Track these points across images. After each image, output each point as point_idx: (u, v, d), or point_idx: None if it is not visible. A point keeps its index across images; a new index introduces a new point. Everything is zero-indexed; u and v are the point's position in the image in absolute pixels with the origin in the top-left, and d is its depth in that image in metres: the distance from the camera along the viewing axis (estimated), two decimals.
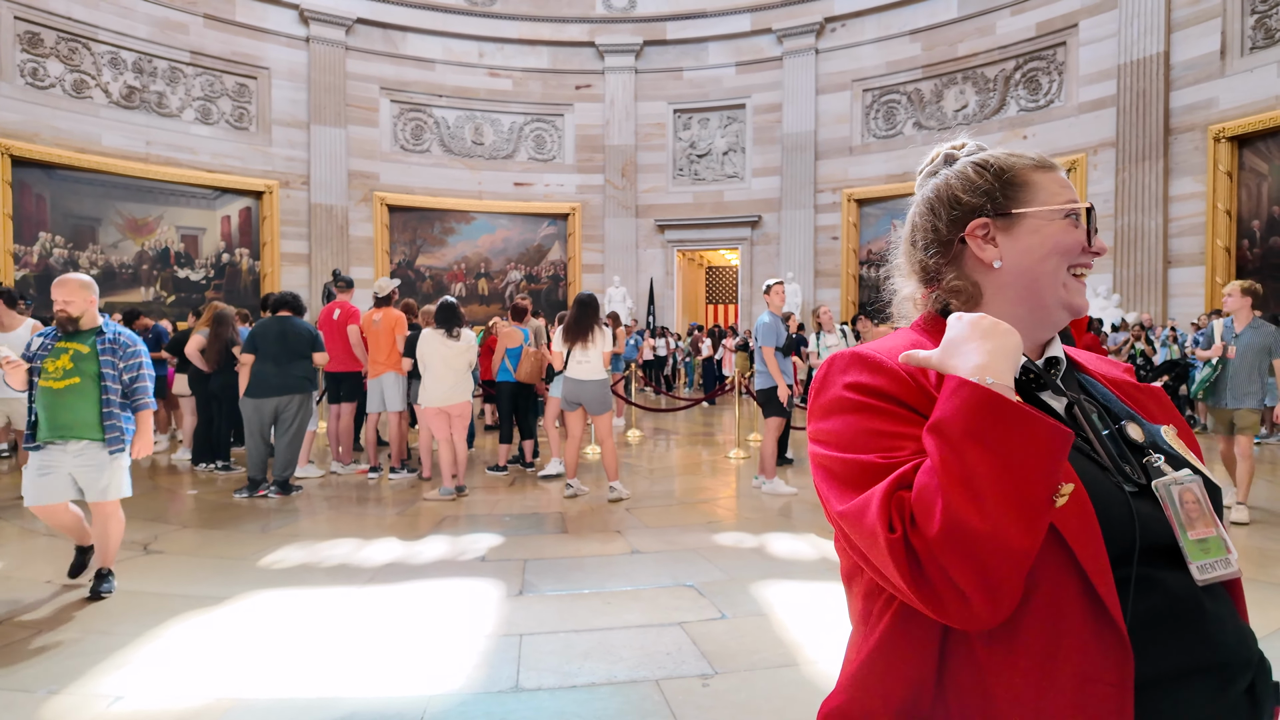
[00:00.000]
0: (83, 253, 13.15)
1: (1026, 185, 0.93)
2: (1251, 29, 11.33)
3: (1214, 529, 0.81)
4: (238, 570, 4.27)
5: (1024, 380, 0.87)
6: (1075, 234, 0.91)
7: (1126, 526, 0.77)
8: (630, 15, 17.13)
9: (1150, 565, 0.78)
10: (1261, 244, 11.35)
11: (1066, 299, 0.91)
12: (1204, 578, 0.79)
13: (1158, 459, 0.84)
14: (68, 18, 12.79)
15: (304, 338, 6.37)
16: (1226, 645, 0.80)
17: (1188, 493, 0.81)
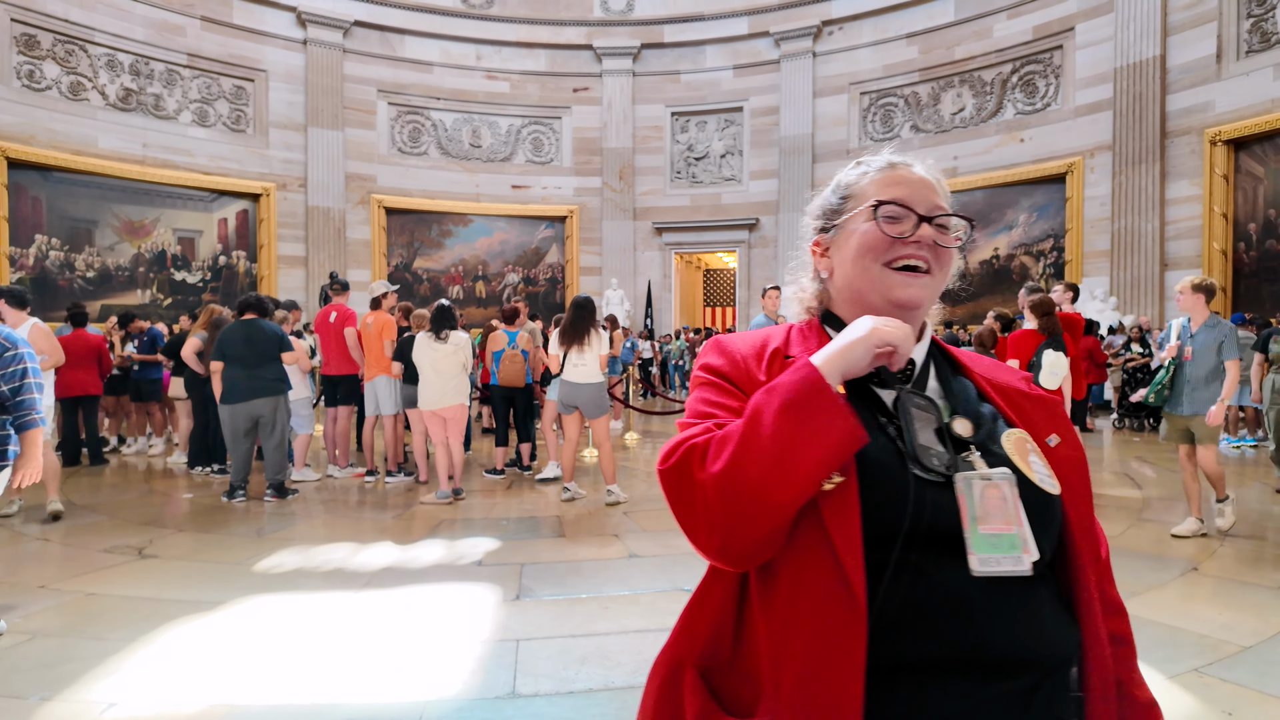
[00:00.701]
0: (79, 255, 13.11)
1: (854, 196, 1.00)
2: (1247, 32, 11.36)
3: (1013, 528, 0.83)
4: (233, 575, 4.25)
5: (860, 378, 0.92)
6: (881, 230, 0.94)
7: (900, 509, 0.81)
8: (628, 18, 17.15)
9: (929, 554, 0.82)
10: (1258, 247, 11.38)
11: (887, 294, 0.94)
12: (983, 570, 0.81)
13: (972, 455, 0.87)
14: (64, 20, 12.76)
15: (271, 339, 6.26)
16: (995, 644, 0.81)
17: (992, 489, 0.84)
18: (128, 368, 8.78)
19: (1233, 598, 3.81)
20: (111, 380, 8.93)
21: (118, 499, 6.34)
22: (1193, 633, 3.37)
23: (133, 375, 8.75)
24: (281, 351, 6.32)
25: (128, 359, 8.75)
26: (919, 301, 0.94)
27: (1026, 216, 14.27)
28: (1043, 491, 0.88)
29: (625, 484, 6.65)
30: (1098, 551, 0.95)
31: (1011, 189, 14.34)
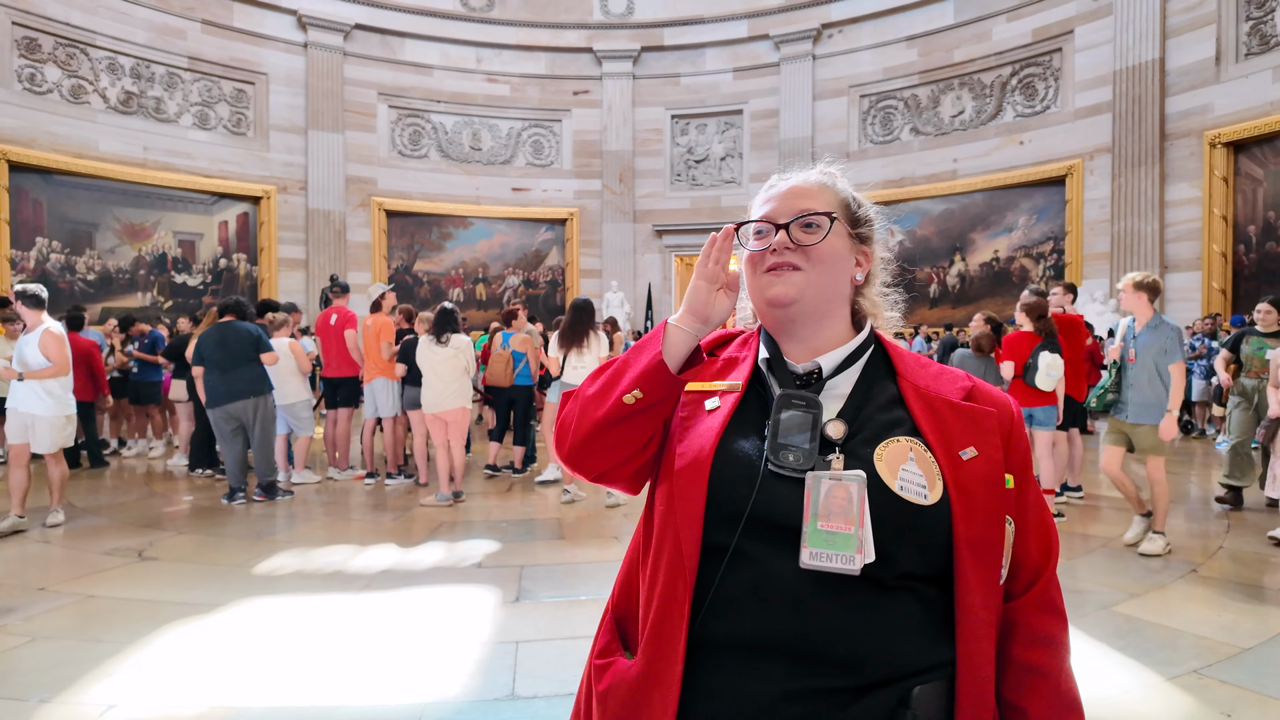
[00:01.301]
0: (79, 258, 13.12)
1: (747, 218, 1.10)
2: (1246, 35, 11.38)
3: (852, 528, 0.86)
4: (232, 577, 4.25)
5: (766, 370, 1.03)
6: (744, 241, 1.04)
7: (744, 497, 0.90)
8: (628, 21, 17.17)
9: (769, 544, 0.89)
10: (1258, 249, 11.38)
11: (762, 297, 1.03)
12: (811, 563, 0.86)
13: (836, 456, 0.92)
14: (65, 23, 12.78)
15: (245, 341, 6.21)
16: (816, 640, 0.85)
17: (840, 489, 0.88)
18: (127, 370, 8.79)
19: (1233, 599, 3.81)
20: (112, 383, 8.95)
21: (118, 501, 6.35)
22: (1192, 634, 3.37)
23: (131, 378, 8.76)
24: (259, 352, 6.26)
25: (128, 361, 8.75)
26: (786, 298, 1.00)
27: (1026, 219, 14.28)
28: (905, 501, 0.88)
29: None
30: (994, 571, 0.92)
31: (1011, 191, 14.34)
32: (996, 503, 0.92)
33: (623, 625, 1.05)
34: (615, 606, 1.08)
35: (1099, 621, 3.55)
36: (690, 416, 1.00)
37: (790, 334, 1.03)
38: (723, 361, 1.07)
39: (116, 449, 9.12)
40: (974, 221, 14.72)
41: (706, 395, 1.01)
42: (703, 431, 0.97)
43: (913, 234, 15.22)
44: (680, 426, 0.99)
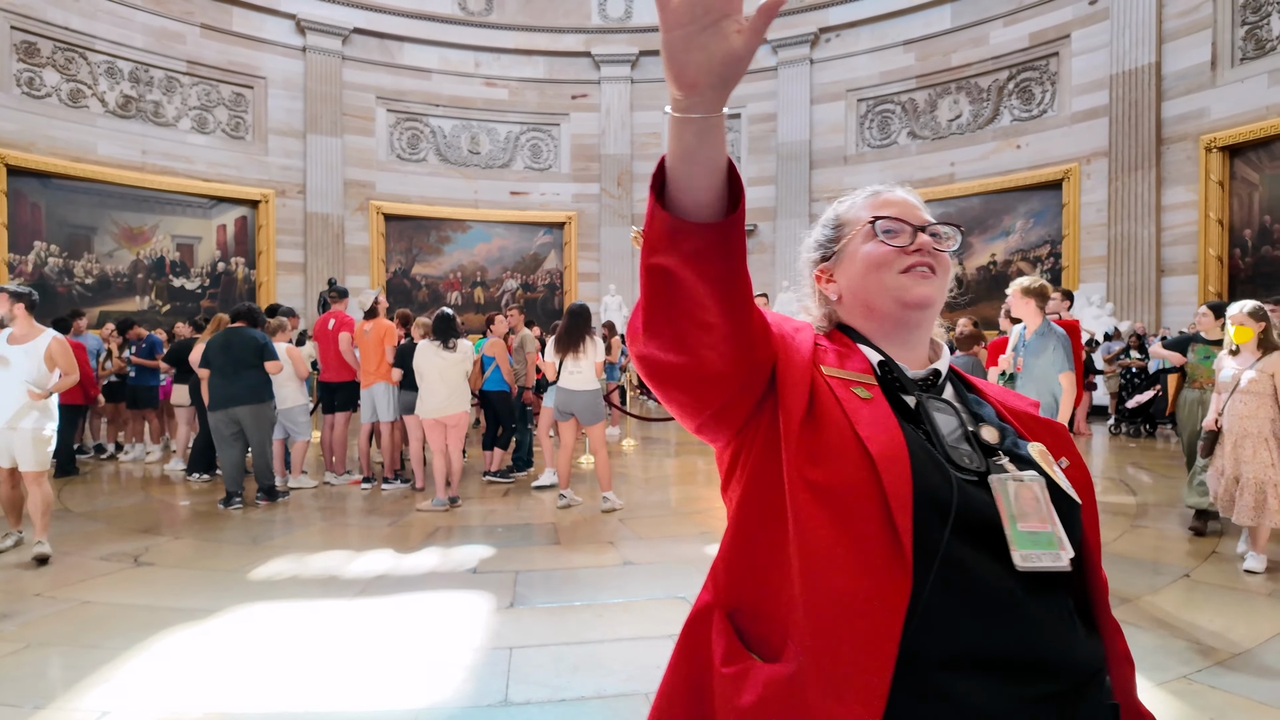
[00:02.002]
0: (78, 262, 13.14)
1: (847, 223, 1.06)
2: (1242, 39, 11.42)
3: (1049, 527, 0.85)
4: (228, 583, 4.26)
5: (885, 379, 0.97)
6: (883, 248, 1.00)
7: (945, 492, 0.83)
8: (626, 25, 17.21)
9: (970, 549, 0.83)
10: (1253, 253, 11.41)
11: (900, 298, 0.99)
12: (1026, 565, 0.83)
13: (1003, 459, 0.91)
14: (65, 27, 12.81)
15: (250, 348, 6.28)
16: (1036, 645, 0.83)
17: (1025, 490, 0.87)
18: (124, 375, 8.79)
19: (1225, 604, 3.83)
20: (109, 387, 8.95)
21: (114, 506, 6.35)
22: (1184, 639, 3.38)
23: (129, 382, 8.76)
24: (263, 360, 6.32)
25: (124, 366, 8.76)
26: (930, 299, 0.99)
27: (1023, 223, 14.31)
28: (1069, 497, 0.91)
29: (621, 491, 6.66)
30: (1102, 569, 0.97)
31: (1008, 195, 14.38)
32: (1095, 506, 0.98)
33: (741, 622, 0.92)
34: (727, 601, 0.94)
35: None
36: (848, 398, 0.90)
37: (903, 340, 1.01)
38: (827, 349, 0.98)
39: (113, 453, 9.12)
40: (971, 225, 14.75)
41: (851, 383, 0.92)
42: (879, 418, 0.88)
43: None
44: (839, 403, 0.89)
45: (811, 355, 0.93)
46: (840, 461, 0.85)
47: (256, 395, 6.32)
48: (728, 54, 0.71)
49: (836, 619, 0.80)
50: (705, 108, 0.74)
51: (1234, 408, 4.46)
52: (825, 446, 0.86)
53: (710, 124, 0.75)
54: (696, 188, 0.78)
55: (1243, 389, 4.44)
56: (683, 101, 0.74)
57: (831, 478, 0.84)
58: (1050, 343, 4.41)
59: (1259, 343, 4.47)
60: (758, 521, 0.91)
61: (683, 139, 0.76)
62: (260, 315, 6.66)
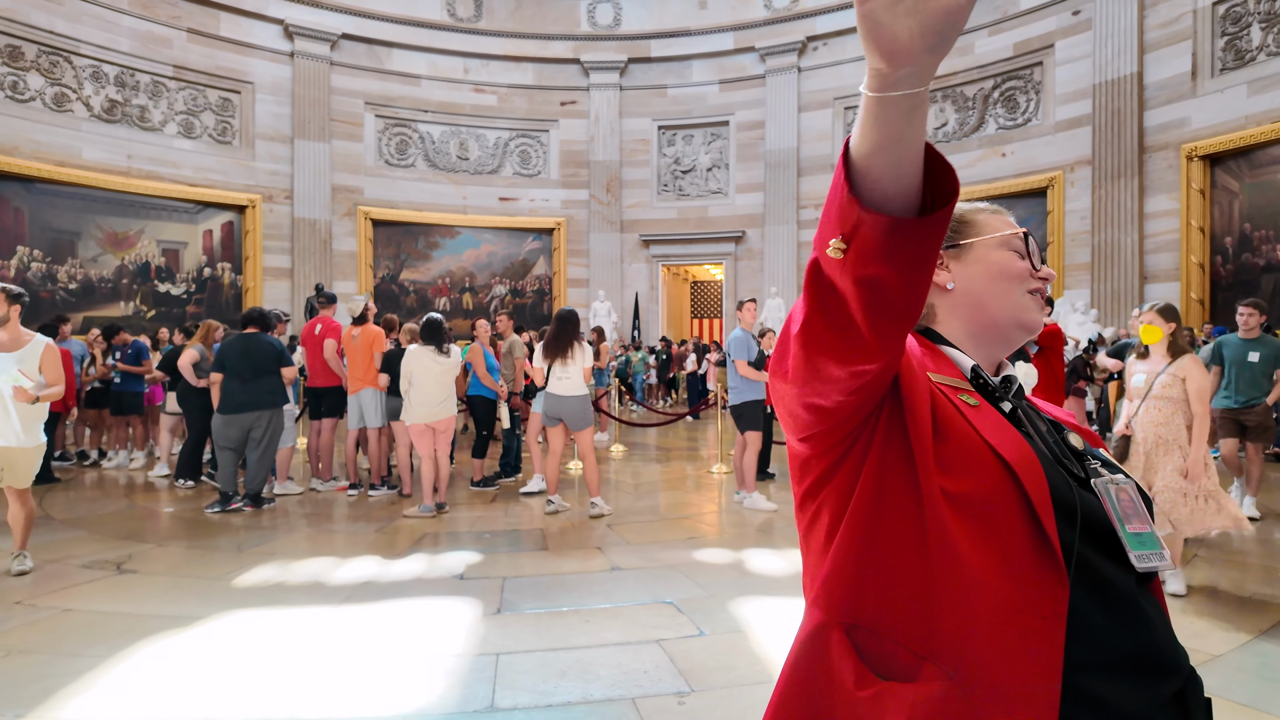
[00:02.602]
0: (61, 267, 13.03)
1: (973, 223, 1.06)
2: (1222, 50, 11.59)
3: (1148, 527, 0.88)
4: (212, 590, 4.23)
5: (977, 384, 0.97)
6: (1019, 262, 1.02)
7: (1069, 495, 0.84)
8: (615, 33, 17.28)
9: (1091, 549, 0.84)
10: (1234, 260, 11.56)
11: (1019, 317, 1.02)
12: (1143, 566, 0.84)
13: (1096, 463, 0.93)
14: (50, 31, 12.73)
15: (269, 354, 6.41)
16: (1159, 646, 0.84)
17: (1124, 492, 0.89)
18: (109, 380, 8.72)
19: (1204, 606, 3.87)
20: (93, 393, 8.88)
21: (97, 513, 6.29)
22: None
23: (113, 388, 8.68)
24: (281, 366, 6.45)
25: (109, 372, 8.69)
26: (1041, 328, 1.04)
27: None
28: (1150, 499, 0.93)
29: (610, 496, 6.66)
30: None
31: (994, 202, 14.45)
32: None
33: (860, 640, 0.87)
34: (845, 618, 0.88)
35: None
36: (965, 406, 0.88)
37: (991, 354, 1.03)
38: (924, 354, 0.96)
39: (96, 460, 9.03)
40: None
41: (957, 390, 0.91)
42: (1000, 425, 0.88)
43: None
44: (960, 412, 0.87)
45: (918, 363, 0.90)
46: (976, 471, 0.83)
47: (276, 400, 6.43)
48: (948, 5, 0.59)
49: (995, 632, 0.78)
50: (918, 79, 0.63)
51: (1146, 414, 4.18)
52: (956, 456, 0.83)
53: (921, 98, 0.64)
54: (904, 175, 0.68)
55: (1154, 394, 4.17)
56: (891, 76, 0.62)
57: (970, 488, 0.82)
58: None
59: (1169, 345, 4.19)
60: (886, 534, 0.85)
61: (889, 121, 0.65)
62: (272, 319, 6.71)
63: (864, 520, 0.86)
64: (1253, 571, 4.50)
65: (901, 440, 0.85)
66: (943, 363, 0.97)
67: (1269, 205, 11.18)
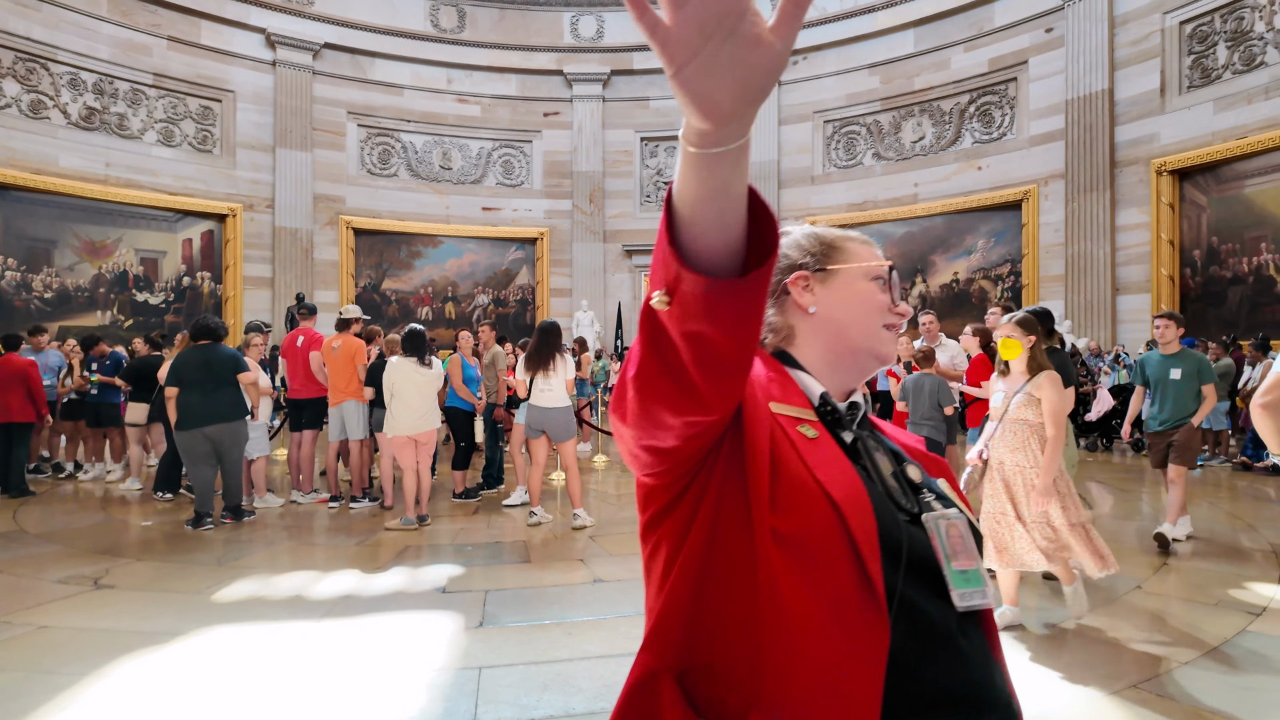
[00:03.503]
0: (36, 275, 12.86)
1: (842, 250, 1.06)
2: (1189, 69, 11.89)
3: (975, 563, 0.89)
4: (191, 605, 4.20)
5: (823, 411, 0.96)
6: (881, 295, 1.04)
7: (896, 532, 0.84)
8: (598, 45, 17.39)
9: (917, 588, 0.84)
10: (1203, 273, 11.83)
11: (875, 348, 1.03)
12: (964, 604, 0.85)
13: (930, 497, 0.93)
14: (27, 38, 12.61)
15: (227, 363, 6.30)
16: (976, 680, 0.85)
17: (953, 528, 0.90)
18: (85, 392, 8.62)
19: (1174, 615, 3.97)
20: (69, 405, 8.77)
21: (73, 527, 6.22)
22: (1134, 650, 3.50)
23: (89, 400, 8.58)
24: (237, 373, 6.32)
25: (85, 383, 8.59)
26: (892, 360, 1.06)
27: (985, 242, 14.67)
28: (978, 532, 0.94)
29: (593, 507, 6.68)
30: None
31: (970, 215, 14.75)
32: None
33: (691, 685, 0.85)
34: (676, 662, 0.86)
35: (1045, 639, 3.68)
36: (800, 440, 0.87)
37: (843, 381, 1.03)
38: (772, 379, 0.95)
39: (72, 472, 8.92)
40: (934, 244, 15.09)
41: (797, 421, 0.90)
42: (834, 459, 0.87)
43: None
44: (794, 447, 0.86)
45: (762, 392, 0.90)
46: (804, 509, 0.81)
47: (237, 411, 6.32)
48: (766, 62, 0.58)
49: (816, 678, 0.77)
50: (742, 131, 0.61)
51: (1001, 439, 3.81)
52: (787, 494, 0.82)
53: (745, 147, 0.62)
54: (729, 226, 0.65)
55: (1010, 416, 3.78)
56: (715, 134, 0.60)
57: (798, 526, 0.80)
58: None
59: (1029, 361, 3.77)
60: (720, 573, 0.84)
61: (715, 174, 0.62)
62: (222, 330, 6.55)
63: (699, 558, 0.85)
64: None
65: (740, 477, 0.84)
66: (790, 389, 0.96)
67: (1235, 219, 11.46)
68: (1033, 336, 3.73)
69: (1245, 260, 11.30)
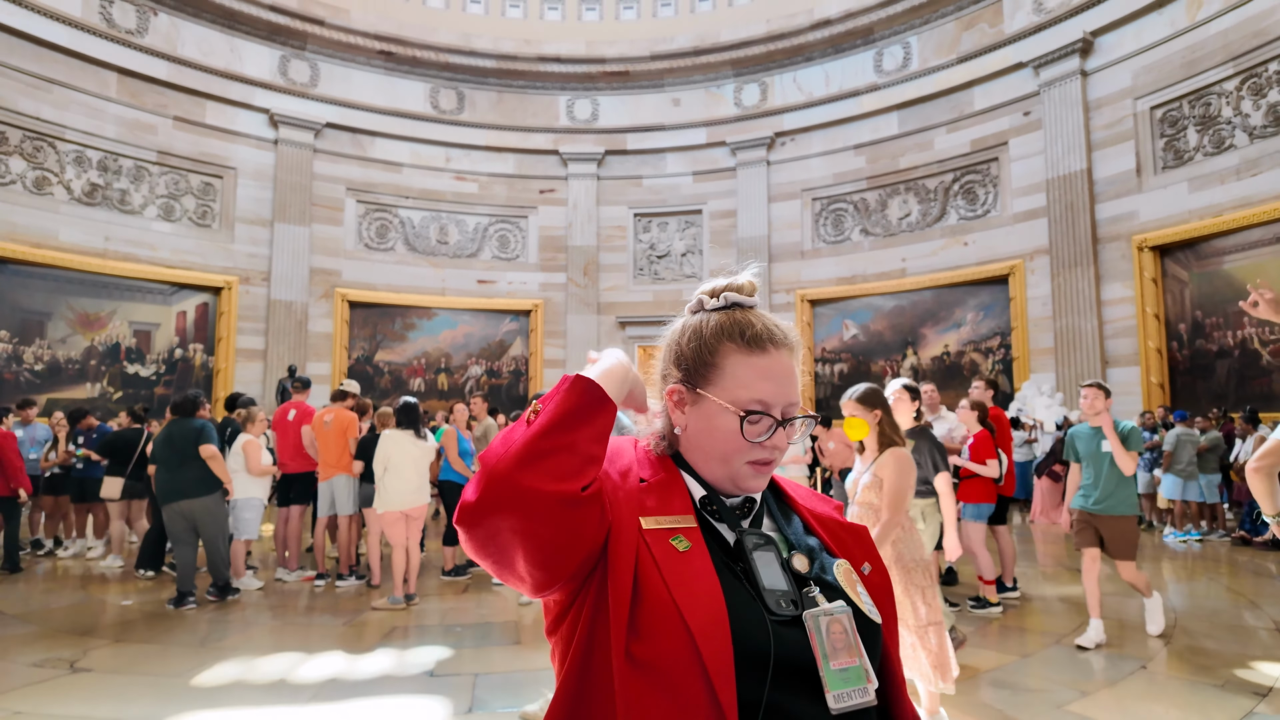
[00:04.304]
0: (28, 348, 12.84)
1: (719, 368, 1.00)
2: (1162, 150, 12.35)
3: (857, 659, 0.88)
4: (171, 689, 4.05)
5: (704, 511, 0.97)
6: (745, 431, 0.96)
7: (762, 648, 0.84)
8: (593, 126, 17.97)
9: (788, 692, 0.84)
10: (1189, 346, 12.00)
11: (738, 481, 0.99)
12: (839, 706, 0.85)
13: (814, 591, 0.92)
14: (35, 117, 12.94)
15: (189, 438, 6.13)
16: None
17: (835, 623, 0.89)
18: (69, 466, 8.49)
19: (1179, 695, 3.87)
20: (52, 479, 8.62)
21: (50, 607, 6.04)
22: None
23: (74, 474, 8.44)
24: (199, 446, 6.13)
25: (70, 458, 8.47)
26: (761, 489, 1.00)
27: (974, 315, 14.89)
28: (871, 620, 0.93)
29: None
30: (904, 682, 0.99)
31: (958, 289, 15.00)
32: (894, 612, 1.01)
33: None
34: None
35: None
36: (666, 558, 0.88)
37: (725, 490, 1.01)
38: (650, 489, 0.96)
39: (52, 549, 8.70)
40: (924, 317, 15.29)
41: (669, 533, 0.91)
42: (697, 575, 0.87)
43: (866, 328, 15.74)
44: (658, 569, 0.87)
45: (636, 508, 0.92)
46: (661, 635, 0.83)
47: (206, 487, 6.14)
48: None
49: None
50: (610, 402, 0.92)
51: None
52: (648, 619, 0.84)
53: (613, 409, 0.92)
54: (616, 399, 0.94)
55: (858, 499, 3.48)
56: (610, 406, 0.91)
57: (653, 652, 0.83)
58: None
59: (879, 437, 3.45)
60: (594, 692, 0.87)
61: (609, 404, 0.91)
62: (195, 403, 6.45)
63: (577, 674, 0.89)
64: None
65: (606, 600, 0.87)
66: (672, 493, 0.96)
67: (1217, 294, 11.70)
68: (877, 411, 3.43)
69: (1230, 334, 11.49)
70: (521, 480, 0.81)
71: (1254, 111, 11.21)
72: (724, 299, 1.04)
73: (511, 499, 0.81)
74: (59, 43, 13.13)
